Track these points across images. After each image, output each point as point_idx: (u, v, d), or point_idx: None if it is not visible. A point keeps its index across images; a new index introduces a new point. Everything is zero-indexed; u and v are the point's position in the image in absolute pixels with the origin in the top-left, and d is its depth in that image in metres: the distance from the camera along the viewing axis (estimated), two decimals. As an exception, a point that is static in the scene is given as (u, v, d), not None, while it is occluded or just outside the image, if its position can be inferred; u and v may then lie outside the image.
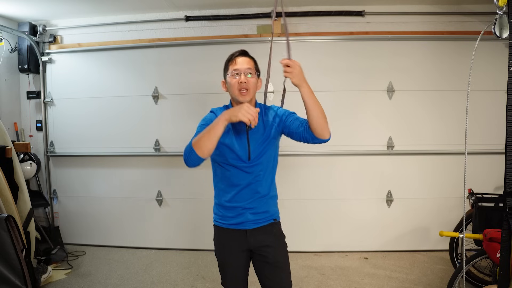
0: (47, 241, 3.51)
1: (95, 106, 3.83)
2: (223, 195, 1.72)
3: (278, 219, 1.77)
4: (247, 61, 1.65)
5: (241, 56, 1.66)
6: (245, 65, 1.64)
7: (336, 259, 3.47)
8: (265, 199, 1.72)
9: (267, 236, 1.70)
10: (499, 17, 1.53)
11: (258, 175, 1.68)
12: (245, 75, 1.62)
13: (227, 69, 1.68)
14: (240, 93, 1.62)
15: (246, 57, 1.68)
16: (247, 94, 1.62)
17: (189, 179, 3.75)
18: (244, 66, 1.63)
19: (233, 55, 1.68)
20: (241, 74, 1.62)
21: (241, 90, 1.62)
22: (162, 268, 3.32)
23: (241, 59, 1.65)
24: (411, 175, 3.61)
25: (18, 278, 2.14)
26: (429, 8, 3.53)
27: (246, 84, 1.61)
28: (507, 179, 1.54)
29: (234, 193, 1.69)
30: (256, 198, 1.69)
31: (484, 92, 3.47)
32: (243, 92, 1.62)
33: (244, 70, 1.63)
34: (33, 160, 3.60)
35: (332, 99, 3.55)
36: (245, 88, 1.62)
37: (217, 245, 1.78)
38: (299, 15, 3.56)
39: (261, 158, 1.66)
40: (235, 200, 1.69)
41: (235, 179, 1.68)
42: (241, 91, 1.62)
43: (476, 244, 2.54)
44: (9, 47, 3.74)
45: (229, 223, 1.71)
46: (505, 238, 1.58)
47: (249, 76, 1.63)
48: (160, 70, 3.72)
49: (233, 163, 1.66)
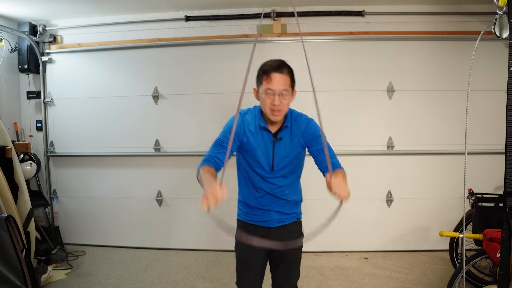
0: (47, 241, 3.51)
1: (95, 106, 3.83)
2: (248, 196, 1.74)
3: (300, 218, 1.82)
4: (283, 80, 1.54)
5: (277, 73, 1.54)
6: (281, 86, 1.53)
7: (336, 259, 3.47)
8: (291, 204, 1.75)
9: (290, 234, 1.73)
10: (499, 17, 1.53)
11: (281, 186, 1.68)
12: (279, 96, 1.53)
13: (260, 82, 1.57)
14: (272, 113, 1.55)
15: (282, 73, 1.55)
16: (278, 115, 1.56)
17: (189, 179, 3.75)
18: (279, 88, 1.52)
19: (269, 68, 1.55)
20: (275, 95, 1.53)
21: (273, 111, 1.55)
22: (162, 268, 3.32)
23: (277, 77, 1.53)
24: (411, 175, 3.61)
25: (18, 278, 2.14)
26: (429, 8, 3.52)
27: (279, 106, 1.54)
28: (507, 179, 1.54)
29: (258, 196, 1.70)
30: (281, 203, 1.71)
31: (484, 92, 3.47)
32: (275, 113, 1.55)
33: (279, 92, 1.52)
34: (33, 160, 3.59)
35: (332, 99, 3.55)
36: (278, 110, 1.55)
37: (238, 240, 1.75)
38: (299, 15, 3.56)
39: (285, 169, 1.65)
40: (260, 203, 1.71)
41: (258, 183, 1.69)
42: (273, 112, 1.55)
43: (476, 244, 2.54)
44: (9, 47, 3.74)
45: (254, 220, 1.73)
46: (505, 238, 1.58)
47: (284, 95, 1.54)
48: (160, 70, 3.72)
49: (257, 170, 1.67)
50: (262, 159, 1.64)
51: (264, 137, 1.63)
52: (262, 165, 1.64)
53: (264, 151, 1.63)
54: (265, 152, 1.63)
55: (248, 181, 1.71)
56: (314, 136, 1.62)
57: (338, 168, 1.48)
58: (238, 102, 1.30)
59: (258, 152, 1.63)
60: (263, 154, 1.63)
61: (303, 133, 1.64)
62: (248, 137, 1.63)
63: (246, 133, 1.63)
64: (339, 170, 1.45)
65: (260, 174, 1.66)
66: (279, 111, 1.55)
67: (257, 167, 1.66)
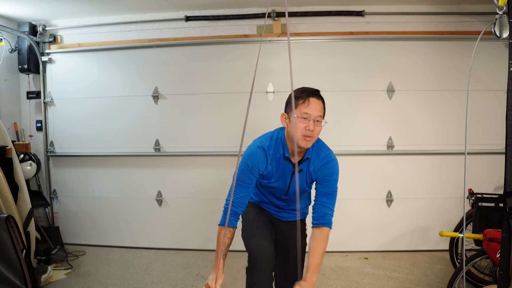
0: (47, 241, 3.51)
1: (95, 106, 3.83)
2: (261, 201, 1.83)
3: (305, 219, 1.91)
4: (320, 107, 1.55)
5: (315, 99, 1.55)
6: (318, 112, 1.54)
7: (336, 259, 3.47)
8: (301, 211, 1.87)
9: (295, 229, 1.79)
10: (499, 17, 1.53)
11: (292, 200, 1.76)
12: (314, 122, 1.52)
13: (296, 106, 1.54)
14: (304, 138, 1.53)
15: (319, 100, 1.56)
16: (310, 141, 1.54)
17: (189, 179, 3.75)
18: (316, 113, 1.53)
19: (306, 94, 1.54)
20: (310, 120, 1.51)
21: (306, 136, 1.52)
22: (162, 268, 3.32)
23: (315, 103, 1.54)
24: (411, 175, 3.61)
25: (18, 278, 2.13)
26: (429, 8, 3.52)
27: (313, 132, 1.52)
28: (507, 179, 1.54)
29: (271, 203, 1.79)
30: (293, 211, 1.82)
31: (484, 92, 3.47)
32: (308, 139, 1.52)
33: (315, 117, 1.52)
34: (33, 160, 3.59)
35: (332, 99, 3.52)
36: (311, 136, 1.52)
37: (249, 208, 1.74)
38: (299, 15, 3.56)
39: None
40: (272, 208, 1.81)
41: (271, 198, 1.77)
42: (305, 138, 1.52)
43: (476, 244, 2.54)
44: (9, 47, 3.74)
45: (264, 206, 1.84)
46: (505, 238, 1.58)
47: (318, 122, 1.54)
48: (160, 70, 3.72)
49: (271, 190, 1.74)
50: (277, 187, 1.68)
51: (284, 166, 1.63)
52: (276, 193, 1.71)
53: (282, 180, 1.66)
54: (282, 181, 1.66)
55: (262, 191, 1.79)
56: (325, 178, 1.62)
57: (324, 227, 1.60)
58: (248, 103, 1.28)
59: (275, 180, 1.66)
60: (279, 183, 1.67)
61: (317, 171, 1.63)
62: (271, 168, 1.64)
63: (267, 167, 1.63)
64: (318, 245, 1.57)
65: (274, 194, 1.74)
66: (311, 137, 1.53)
67: (272, 189, 1.71)
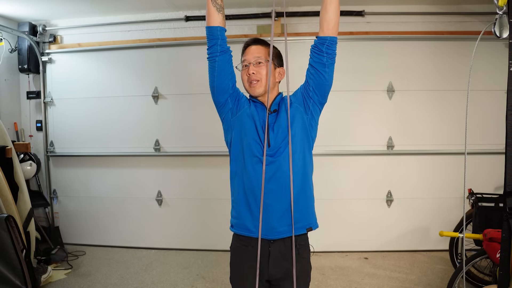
0: (47, 241, 3.51)
1: (95, 106, 3.83)
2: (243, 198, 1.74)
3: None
4: (257, 50, 1.45)
5: (253, 45, 1.46)
6: (255, 54, 1.44)
7: (336, 259, 3.47)
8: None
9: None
10: (499, 17, 1.53)
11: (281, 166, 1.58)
12: (254, 65, 1.43)
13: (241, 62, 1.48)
14: (250, 85, 1.44)
15: (258, 44, 1.46)
16: (257, 85, 1.43)
17: (189, 179, 3.75)
18: (253, 56, 1.44)
19: (245, 45, 1.49)
20: (250, 64, 1.44)
21: (250, 82, 1.43)
22: (162, 268, 3.32)
23: (251, 48, 1.46)
24: (411, 175, 3.61)
25: (18, 278, 2.13)
26: (429, 8, 3.52)
27: (255, 75, 1.42)
28: (507, 179, 1.54)
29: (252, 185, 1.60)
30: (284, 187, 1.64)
31: (484, 92, 3.47)
32: (254, 83, 1.43)
33: (253, 60, 1.43)
34: (33, 160, 3.59)
35: (332, 99, 3.50)
36: (255, 79, 1.42)
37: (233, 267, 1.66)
38: (299, 15, 3.56)
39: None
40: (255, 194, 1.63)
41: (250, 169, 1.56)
42: (251, 83, 1.43)
43: (476, 244, 2.54)
44: (9, 47, 3.74)
45: None
46: (505, 238, 1.58)
47: (260, 64, 1.43)
48: (160, 70, 3.72)
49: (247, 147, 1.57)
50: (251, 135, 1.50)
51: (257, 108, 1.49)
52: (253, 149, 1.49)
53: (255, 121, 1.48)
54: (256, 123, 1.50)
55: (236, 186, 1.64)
56: (309, 74, 1.49)
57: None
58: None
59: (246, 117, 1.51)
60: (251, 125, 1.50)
61: (296, 92, 1.52)
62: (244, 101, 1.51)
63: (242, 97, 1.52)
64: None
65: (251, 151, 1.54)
66: (257, 80, 1.42)
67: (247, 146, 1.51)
